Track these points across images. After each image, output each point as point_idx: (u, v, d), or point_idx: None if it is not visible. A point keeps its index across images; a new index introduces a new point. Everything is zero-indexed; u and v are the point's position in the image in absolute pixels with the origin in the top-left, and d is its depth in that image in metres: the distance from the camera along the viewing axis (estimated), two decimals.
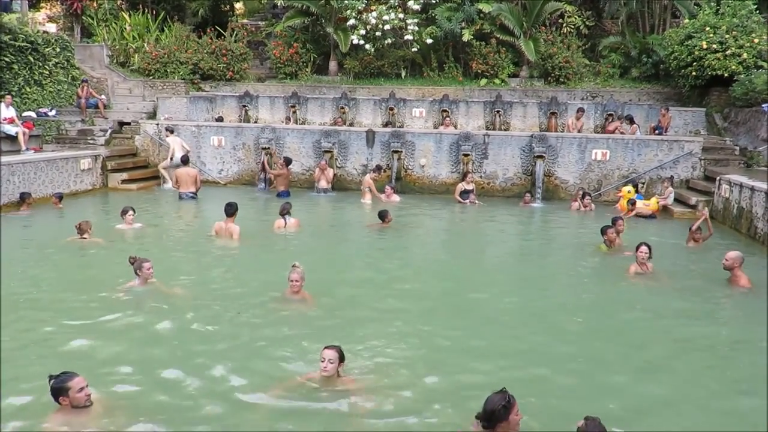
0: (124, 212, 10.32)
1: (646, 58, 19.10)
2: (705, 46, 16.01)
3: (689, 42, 16.48)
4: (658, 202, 13.15)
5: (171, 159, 15.23)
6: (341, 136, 15.40)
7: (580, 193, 13.53)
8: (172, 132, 15.65)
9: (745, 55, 15.76)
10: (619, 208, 13.17)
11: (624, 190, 13.45)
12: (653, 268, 8.19)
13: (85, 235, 9.36)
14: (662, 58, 18.24)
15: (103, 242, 9.43)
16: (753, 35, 15.98)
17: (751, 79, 15.10)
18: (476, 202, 13.76)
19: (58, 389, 4.31)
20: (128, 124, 16.74)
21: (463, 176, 14.26)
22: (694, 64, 16.34)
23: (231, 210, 9.89)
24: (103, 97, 17.55)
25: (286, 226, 10.49)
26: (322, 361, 4.84)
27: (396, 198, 13.62)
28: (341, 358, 4.89)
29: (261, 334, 6.06)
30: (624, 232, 9.78)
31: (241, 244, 9.61)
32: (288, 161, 14.67)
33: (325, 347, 4.92)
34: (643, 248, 8.09)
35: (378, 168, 14.52)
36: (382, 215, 10.91)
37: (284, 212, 10.59)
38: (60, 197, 12.53)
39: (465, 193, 13.86)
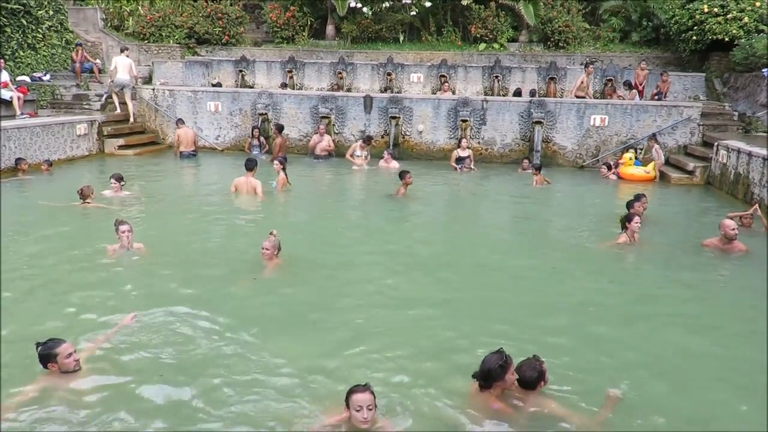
0: (110, 179, 10.24)
1: (646, 22, 18.92)
2: (706, 10, 15.84)
3: (690, 5, 16.33)
4: (655, 167, 13.14)
5: (111, 80, 15.55)
6: (339, 101, 15.28)
7: (604, 168, 13.49)
8: (123, 51, 15.82)
9: (746, 19, 15.57)
10: (620, 174, 13.22)
11: (626, 156, 13.42)
12: (639, 239, 8.12)
13: (87, 200, 9.28)
14: (663, 22, 18.07)
15: (106, 207, 9.35)
16: None
17: (751, 44, 14.94)
18: (471, 167, 13.67)
19: (46, 355, 4.31)
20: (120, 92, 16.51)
21: (459, 142, 14.19)
22: (695, 28, 16.18)
23: (252, 164, 10.50)
24: (98, 61, 17.36)
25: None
26: (358, 410, 3.78)
27: (395, 164, 13.52)
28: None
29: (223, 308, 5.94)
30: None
31: (263, 202, 10.09)
32: (280, 128, 14.65)
33: (356, 391, 3.85)
34: (637, 219, 8.07)
35: (368, 138, 14.39)
36: (402, 175, 10.71)
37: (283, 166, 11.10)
38: (49, 163, 12.55)
39: (460, 160, 13.80)
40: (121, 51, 15.93)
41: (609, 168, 13.38)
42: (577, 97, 15.32)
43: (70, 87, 16.43)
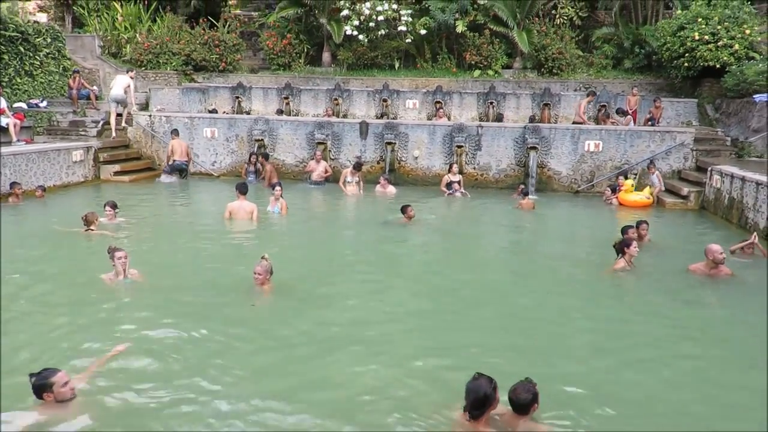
0: (105, 206, 10.11)
1: (638, 49, 19.08)
2: (697, 37, 16.00)
3: (681, 33, 16.47)
4: (652, 193, 13.17)
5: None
6: (335, 127, 15.30)
7: (608, 190, 13.59)
8: (127, 72, 16.27)
9: (736, 46, 15.76)
10: (619, 200, 13.19)
11: (627, 183, 13.40)
12: (634, 264, 8.08)
13: (92, 227, 9.19)
14: (655, 49, 18.21)
15: (110, 234, 9.25)
16: (745, 26, 15.98)
17: (742, 70, 15.12)
18: (462, 192, 13.62)
19: (42, 386, 4.24)
20: (120, 115, 16.49)
21: (449, 167, 14.19)
22: (687, 55, 16.34)
23: (245, 188, 10.65)
24: (95, 88, 17.39)
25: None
26: None
27: (391, 189, 13.51)
28: None
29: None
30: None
31: (259, 228, 10.13)
32: (266, 156, 14.80)
33: None
34: (635, 244, 8.07)
35: (359, 165, 14.21)
36: (403, 209, 10.63)
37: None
38: (43, 189, 12.53)
39: (450, 184, 13.77)
40: (127, 72, 16.34)
41: (613, 191, 13.39)
42: (582, 122, 15.45)
43: (66, 113, 16.45)
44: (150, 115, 16.29)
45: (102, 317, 6.21)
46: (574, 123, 15.66)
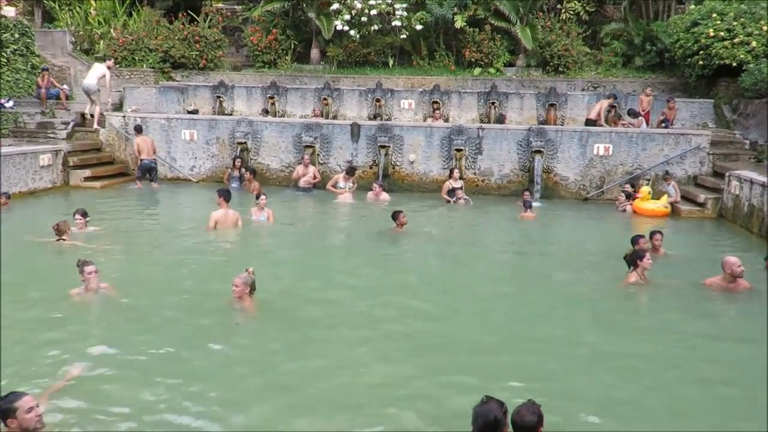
0: (74, 214, 9.66)
1: (650, 46, 18.65)
2: (712, 34, 15.45)
3: (695, 29, 15.94)
4: (668, 201, 12.61)
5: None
6: (324, 129, 14.62)
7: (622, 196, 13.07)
8: (103, 61, 15.96)
9: (754, 44, 15.20)
10: (633, 208, 12.63)
11: (644, 189, 12.81)
12: (647, 277, 7.80)
13: (63, 237, 8.84)
14: (667, 46, 17.77)
15: (84, 245, 8.85)
16: (762, 22, 15.43)
17: (760, 69, 14.50)
18: (465, 198, 13.05)
19: (6, 410, 4.15)
20: (92, 115, 15.64)
21: (450, 173, 13.59)
22: (701, 52, 15.78)
23: (229, 195, 10.25)
24: (65, 87, 16.70)
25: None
26: None
27: (385, 196, 12.86)
28: None
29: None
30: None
31: (244, 239, 10.00)
32: (253, 172, 14.17)
33: None
34: (648, 256, 7.75)
35: (352, 169, 13.69)
36: (395, 215, 10.07)
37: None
38: (7, 196, 11.80)
39: (452, 191, 13.21)
40: (105, 59, 15.94)
41: (628, 197, 12.82)
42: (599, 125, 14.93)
43: (34, 114, 15.72)
44: (124, 116, 15.57)
45: (70, 335, 5.95)
46: (587, 123, 15.01)
